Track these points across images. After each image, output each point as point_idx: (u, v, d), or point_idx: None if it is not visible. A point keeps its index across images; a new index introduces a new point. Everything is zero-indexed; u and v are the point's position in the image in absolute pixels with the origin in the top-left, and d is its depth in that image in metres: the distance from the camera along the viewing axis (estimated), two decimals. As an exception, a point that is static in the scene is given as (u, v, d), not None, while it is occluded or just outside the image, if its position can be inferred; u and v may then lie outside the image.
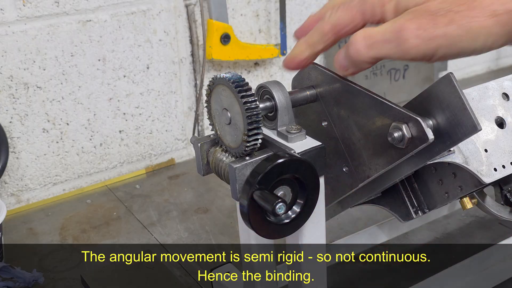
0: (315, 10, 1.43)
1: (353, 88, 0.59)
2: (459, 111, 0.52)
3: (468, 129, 0.52)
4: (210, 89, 0.60)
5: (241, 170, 0.55)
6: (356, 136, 0.60)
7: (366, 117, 0.58)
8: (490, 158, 0.64)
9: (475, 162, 0.64)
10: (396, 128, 0.54)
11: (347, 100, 0.60)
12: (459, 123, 0.52)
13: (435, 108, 0.54)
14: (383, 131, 0.56)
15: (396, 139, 0.54)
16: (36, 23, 1.09)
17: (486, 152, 0.64)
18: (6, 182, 1.15)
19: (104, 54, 1.17)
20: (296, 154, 0.55)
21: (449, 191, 0.69)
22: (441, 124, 0.54)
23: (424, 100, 0.55)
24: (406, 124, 0.54)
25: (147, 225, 1.09)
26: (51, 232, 1.09)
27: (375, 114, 0.57)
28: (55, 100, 1.15)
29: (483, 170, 0.64)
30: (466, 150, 0.64)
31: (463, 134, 0.52)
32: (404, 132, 0.54)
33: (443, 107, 0.53)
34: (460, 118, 0.52)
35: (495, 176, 0.64)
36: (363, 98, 0.58)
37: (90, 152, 1.22)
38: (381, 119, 0.56)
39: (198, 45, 1.28)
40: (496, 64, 1.87)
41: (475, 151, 0.64)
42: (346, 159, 0.62)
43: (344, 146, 0.61)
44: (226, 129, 0.59)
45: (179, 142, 1.34)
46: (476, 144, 0.64)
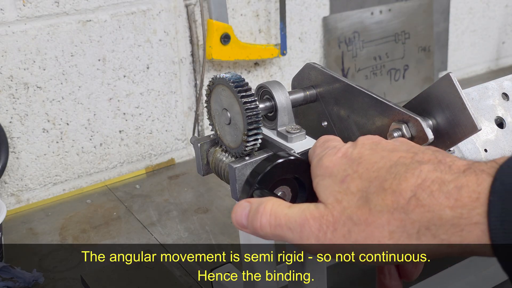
0: (315, 10, 1.43)
1: (353, 88, 0.59)
2: (459, 111, 0.52)
3: (468, 129, 0.52)
4: (210, 89, 0.60)
5: (241, 170, 0.55)
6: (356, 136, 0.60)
7: (366, 117, 0.58)
8: (489, 159, 0.64)
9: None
10: (396, 128, 0.54)
11: (347, 100, 0.60)
12: (459, 123, 0.52)
13: (435, 108, 0.54)
14: (383, 131, 0.56)
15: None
16: (36, 23, 1.09)
17: (486, 152, 0.64)
18: (6, 182, 1.15)
19: (104, 54, 1.17)
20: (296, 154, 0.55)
21: None
22: (441, 124, 0.54)
23: (424, 100, 0.55)
24: (405, 124, 0.54)
25: (147, 225, 1.09)
26: (51, 232, 1.09)
27: (375, 114, 0.57)
28: (55, 100, 1.15)
29: None
30: (466, 150, 0.64)
31: (463, 134, 0.52)
32: (404, 132, 0.54)
33: (443, 107, 0.53)
34: (460, 118, 0.52)
35: None
36: (363, 98, 0.58)
37: (90, 152, 1.22)
38: (381, 119, 0.56)
39: (198, 45, 1.28)
40: (496, 64, 1.87)
41: (475, 151, 0.64)
42: None
43: None
44: (226, 129, 0.59)
45: (179, 142, 1.34)
46: (476, 144, 0.64)
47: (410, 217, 0.40)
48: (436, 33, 1.67)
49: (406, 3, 1.57)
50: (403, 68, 1.62)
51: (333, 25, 1.47)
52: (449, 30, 1.71)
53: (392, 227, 0.40)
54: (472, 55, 1.80)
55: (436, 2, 1.64)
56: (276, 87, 0.60)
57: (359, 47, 1.52)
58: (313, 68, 0.64)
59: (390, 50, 1.58)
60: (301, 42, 1.44)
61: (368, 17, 1.52)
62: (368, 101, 0.57)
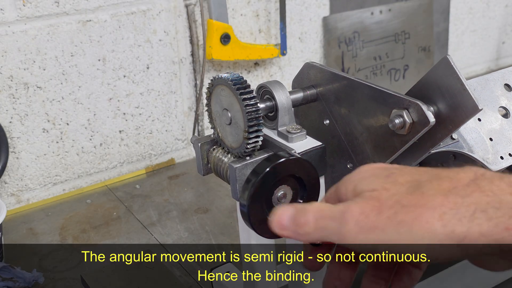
0: (315, 10, 1.43)
1: (352, 81, 0.59)
2: (459, 92, 0.52)
3: (469, 110, 0.52)
4: (210, 91, 0.60)
5: (241, 170, 0.55)
6: (358, 130, 0.60)
7: (366, 109, 0.58)
8: (495, 147, 0.64)
9: (480, 150, 0.63)
10: (397, 115, 0.54)
11: (347, 94, 0.60)
12: (460, 105, 0.52)
13: (435, 93, 0.54)
14: (384, 121, 0.56)
15: (397, 125, 0.54)
16: (36, 23, 1.09)
17: (491, 141, 0.64)
18: (6, 182, 1.15)
19: (104, 54, 1.17)
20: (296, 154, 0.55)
21: None
22: (442, 109, 0.54)
23: (423, 87, 0.55)
24: (406, 110, 0.54)
25: (147, 225, 1.09)
26: (51, 232, 1.09)
27: (375, 104, 0.57)
28: (55, 100, 1.15)
29: (489, 158, 0.63)
30: (471, 139, 0.64)
31: (464, 116, 0.52)
32: (405, 118, 0.54)
33: (442, 91, 0.53)
34: (460, 100, 0.52)
35: (501, 164, 0.63)
36: (362, 89, 0.58)
37: (90, 152, 1.22)
38: (382, 109, 0.56)
39: (198, 45, 1.28)
40: (496, 64, 1.87)
41: (479, 140, 0.64)
42: (349, 155, 0.62)
43: (347, 142, 0.61)
44: (227, 130, 0.59)
45: (179, 142, 1.34)
46: (480, 133, 0.64)
47: (465, 200, 0.38)
48: (436, 33, 1.67)
49: (406, 3, 1.57)
50: (403, 68, 1.62)
51: (333, 25, 1.47)
52: (449, 30, 1.71)
53: (445, 209, 0.39)
54: (472, 55, 1.80)
55: (436, 2, 1.64)
56: (276, 87, 0.60)
57: (359, 47, 1.52)
58: (312, 67, 0.64)
59: (390, 50, 1.58)
60: (301, 42, 1.44)
61: (368, 17, 1.52)
62: (367, 92, 0.57)
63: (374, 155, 0.58)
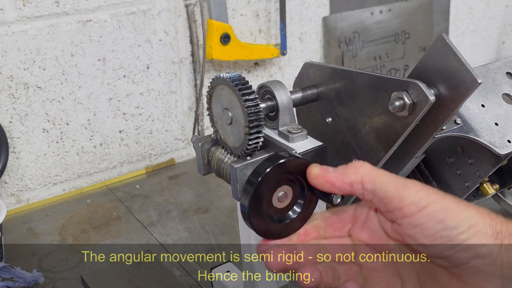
0: (315, 10, 1.43)
1: (350, 72, 0.59)
2: (456, 68, 0.52)
3: (468, 85, 0.52)
4: (210, 93, 0.60)
5: (242, 170, 0.55)
6: (360, 122, 0.60)
7: (367, 98, 0.58)
8: (502, 131, 0.63)
9: (486, 135, 0.63)
10: (397, 97, 0.54)
11: (347, 86, 0.60)
12: (459, 81, 0.52)
13: (434, 75, 0.54)
14: (385, 108, 0.56)
15: (398, 107, 0.54)
16: (36, 23, 1.09)
17: (496, 125, 0.64)
18: (6, 182, 1.15)
19: (104, 54, 1.17)
20: (297, 154, 0.55)
21: (468, 179, 0.69)
22: (442, 90, 0.54)
23: (421, 70, 0.55)
24: (406, 91, 0.54)
25: (147, 225, 1.09)
26: (51, 232, 1.09)
27: (375, 91, 0.57)
28: (55, 100, 1.15)
29: (496, 142, 0.63)
30: (475, 124, 0.63)
31: (464, 91, 0.52)
32: (405, 99, 0.54)
33: (440, 70, 0.53)
34: (458, 76, 0.52)
35: (509, 148, 0.63)
36: (361, 78, 0.58)
37: (90, 152, 1.22)
38: (382, 95, 0.56)
39: (198, 45, 1.28)
40: (496, 64, 1.87)
41: (484, 124, 0.63)
42: (354, 149, 0.62)
43: (350, 136, 0.61)
44: (228, 130, 0.59)
45: (179, 142, 1.34)
46: (485, 118, 0.64)
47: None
48: (436, 33, 1.67)
49: (406, 3, 1.57)
50: (403, 68, 1.62)
51: (333, 25, 1.47)
52: (449, 30, 1.71)
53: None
54: (472, 55, 1.80)
55: (436, 2, 1.64)
56: (277, 87, 0.60)
57: (359, 47, 1.52)
58: (311, 66, 0.64)
59: (390, 50, 1.58)
60: (301, 42, 1.44)
61: (368, 17, 1.52)
62: (366, 80, 0.57)
63: (378, 145, 0.58)
